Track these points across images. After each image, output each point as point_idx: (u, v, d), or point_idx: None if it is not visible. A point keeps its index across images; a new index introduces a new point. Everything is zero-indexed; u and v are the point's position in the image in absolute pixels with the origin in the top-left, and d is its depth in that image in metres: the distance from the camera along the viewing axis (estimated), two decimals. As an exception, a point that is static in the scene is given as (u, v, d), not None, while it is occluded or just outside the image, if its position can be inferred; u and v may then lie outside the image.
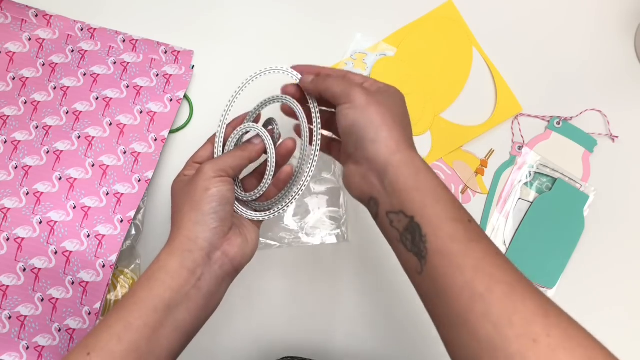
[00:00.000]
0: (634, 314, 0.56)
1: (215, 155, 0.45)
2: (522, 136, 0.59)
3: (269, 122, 0.47)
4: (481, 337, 0.31)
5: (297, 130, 0.50)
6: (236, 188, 0.45)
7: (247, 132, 0.46)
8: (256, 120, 0.48)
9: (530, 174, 0.58)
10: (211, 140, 0.46)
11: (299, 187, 0.44)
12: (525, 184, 0.58)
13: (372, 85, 0.43)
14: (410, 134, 0.42)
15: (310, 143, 0.44)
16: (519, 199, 0.58)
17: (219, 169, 0.41)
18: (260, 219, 0.45)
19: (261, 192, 0.45)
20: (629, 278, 0.57)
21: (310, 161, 0.44)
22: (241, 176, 0.47)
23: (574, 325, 0.32)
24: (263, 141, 0.45)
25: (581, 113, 0.60)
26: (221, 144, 0.45)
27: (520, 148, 0.59)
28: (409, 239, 0.36)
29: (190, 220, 0.40)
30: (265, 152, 0.45)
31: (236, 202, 0.44)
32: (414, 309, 0.54)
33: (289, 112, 0.48)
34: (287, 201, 0.45)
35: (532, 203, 0.58)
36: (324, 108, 0.46)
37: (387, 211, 0.38)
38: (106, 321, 0.37)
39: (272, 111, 0.48)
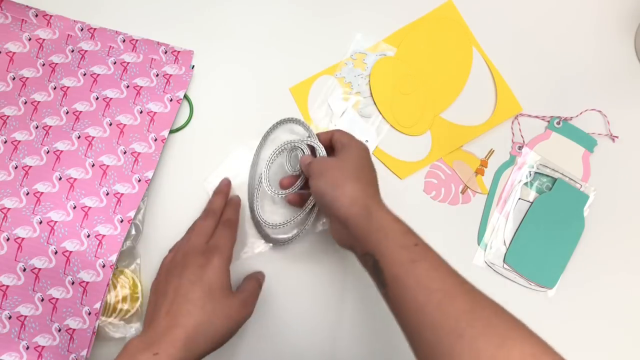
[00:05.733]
0: (634, 314, 0.56)
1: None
2: (522, 136, 0.59)
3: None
4: (426, 343, 0.37)
5: None
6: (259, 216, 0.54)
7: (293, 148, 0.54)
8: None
9: (530, 174, 0.58)
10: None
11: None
12: (525, 184, 0.58)
13: (336, 142, 0.50)
14: (369, 182, 0.47)
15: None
16: (519, 199, 0.58)
17: None
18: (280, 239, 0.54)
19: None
20: (629, 278, 0.57)
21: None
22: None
23: (499, 315, 0.37)
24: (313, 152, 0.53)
25: (581, 113, 0.60)
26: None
27: (520, 148, 0.59)
28: (375, 273, 0.43)
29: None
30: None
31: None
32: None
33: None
34: (295, 233, 0.54)
35: (532, 203, 0.58)
36: None
37: (361, 254, 0.44)
38: None
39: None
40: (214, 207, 0.52)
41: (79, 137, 0.53)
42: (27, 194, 0.51)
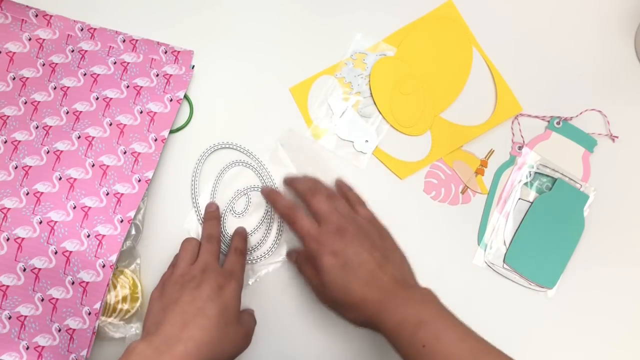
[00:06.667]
0: (634, 314, 0.56)
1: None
2: (522, 136, 0.59)
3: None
4: None
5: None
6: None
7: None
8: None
9: (530, 174, 0.58)
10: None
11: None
12: (525, 184, 0.58)
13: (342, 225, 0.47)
14: (364, 299, 0.44)
15: None
16: (519, 199, 0.58)
17: None
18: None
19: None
20: (628, 278, 0.57)
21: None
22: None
23: None
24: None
25: (581, 113, 0.60)
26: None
27: (520, 148, 0.59)
28: None
29: None
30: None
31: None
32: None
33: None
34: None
35: (532, 203, 0.58)
36: None
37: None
38: None
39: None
40: (213, 231, 0.51)
41: (79, 137, 0.53)
42: (27, 194, 0.51)
